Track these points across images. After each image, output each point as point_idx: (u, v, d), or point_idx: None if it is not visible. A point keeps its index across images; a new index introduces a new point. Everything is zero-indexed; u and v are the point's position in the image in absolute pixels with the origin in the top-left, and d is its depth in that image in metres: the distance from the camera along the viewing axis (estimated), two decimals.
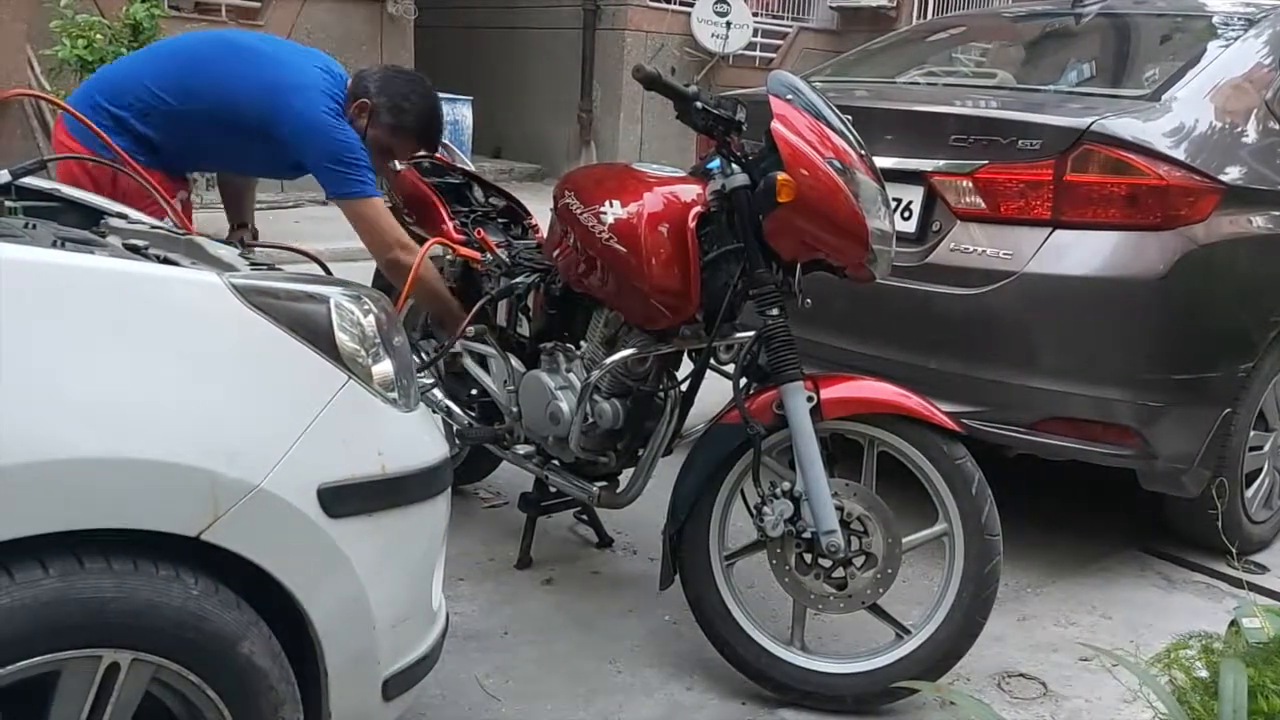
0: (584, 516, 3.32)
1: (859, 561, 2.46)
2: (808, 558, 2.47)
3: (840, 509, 2.42)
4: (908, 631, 2.51)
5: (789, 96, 2.42)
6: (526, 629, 2.80)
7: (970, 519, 2.43)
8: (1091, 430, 3.04)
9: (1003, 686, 2.66)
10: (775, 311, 2.47)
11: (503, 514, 3.47)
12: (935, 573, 2.56)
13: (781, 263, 2.52)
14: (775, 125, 2.37)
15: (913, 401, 2.46)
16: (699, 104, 2.44)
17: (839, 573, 2.46)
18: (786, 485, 2.45)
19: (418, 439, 1.80)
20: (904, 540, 2.46)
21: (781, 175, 2.35)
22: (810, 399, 2.42)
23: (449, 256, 3.29)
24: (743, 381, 2.58)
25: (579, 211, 2.68)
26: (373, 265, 3.12)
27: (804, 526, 2.41)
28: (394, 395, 1.74)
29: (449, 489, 1.90)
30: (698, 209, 2.55)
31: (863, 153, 2.47)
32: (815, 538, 2.39)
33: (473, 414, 3.31)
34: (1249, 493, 3.39)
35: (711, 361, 2.73)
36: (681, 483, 2.58)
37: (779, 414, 2.44)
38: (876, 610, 2.53)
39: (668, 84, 2.46)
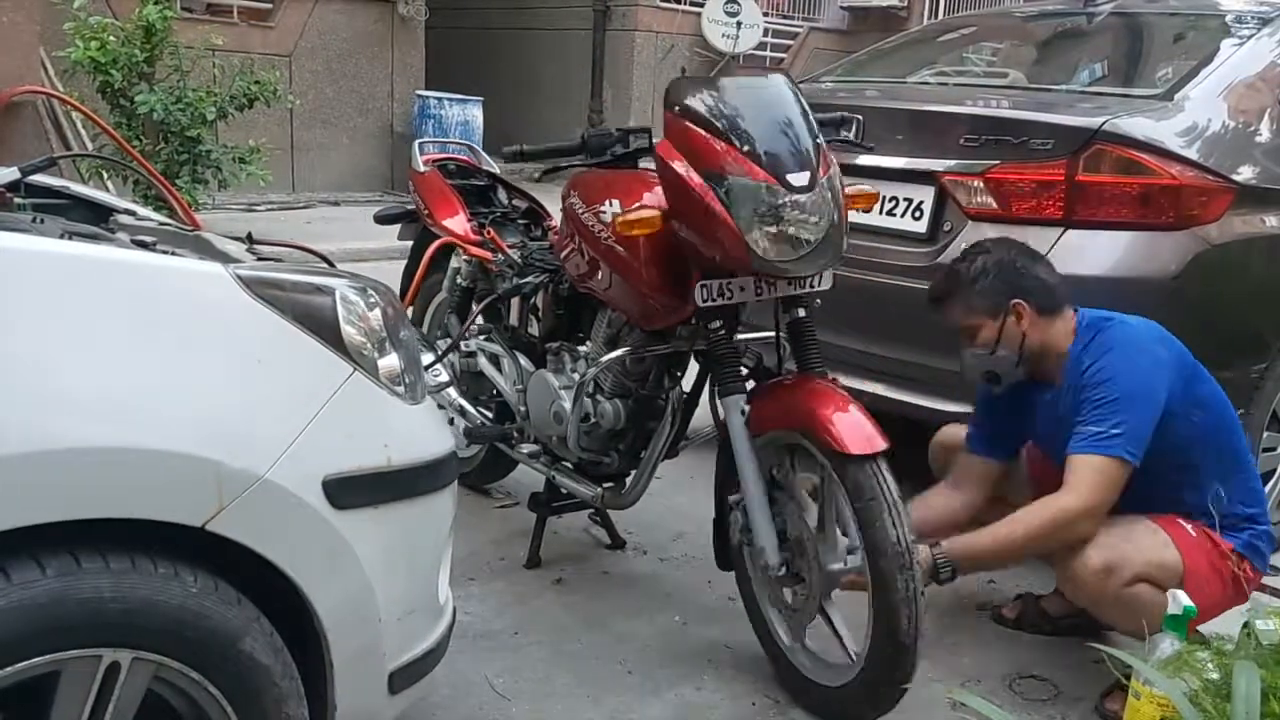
0: (597, 518, 3.32)
1: (795, 581, 2.43)
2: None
3: (784, 523, 2.40)
4: (853, 659, 2.40)
5: (675, 108, 2.34)
6: (537, 629, 2.79)
7: (870, 561, 2.24)
8: None
9: (1014, 688, 2.64)
10: (715, 323, 2.46)
11: (513, 514, 3.46)
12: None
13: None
14: (659, 144, 2.38)
15: (823, 414, 2.29)
16: (556, 165, 2.53)
17: (788, 586, 2.45)
18: (735, 497, 2.45)
19: (424, 431, 1.80)
20: (829, 570, 2.37)
21: (617, 217, 2.40)
22: (743, 412, 2.40)
23: (464, 257, 3.31)
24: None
25: (581, 211, 2.69)
26: (380, 265, 3.13)
27: (754, 538, 2.40)
28: (400, 388, 1.74)
29: (455, 482, 1.90)
30: None
31: (754, 152, 2.25)
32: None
33: (489, 413, 3.31)
34: None
35: None
36: (715, 475, 2.62)
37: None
38: (832, 628, 2.47)
39: (542, 150, 2.58)
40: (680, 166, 2.30)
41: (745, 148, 2.25)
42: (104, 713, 1.45)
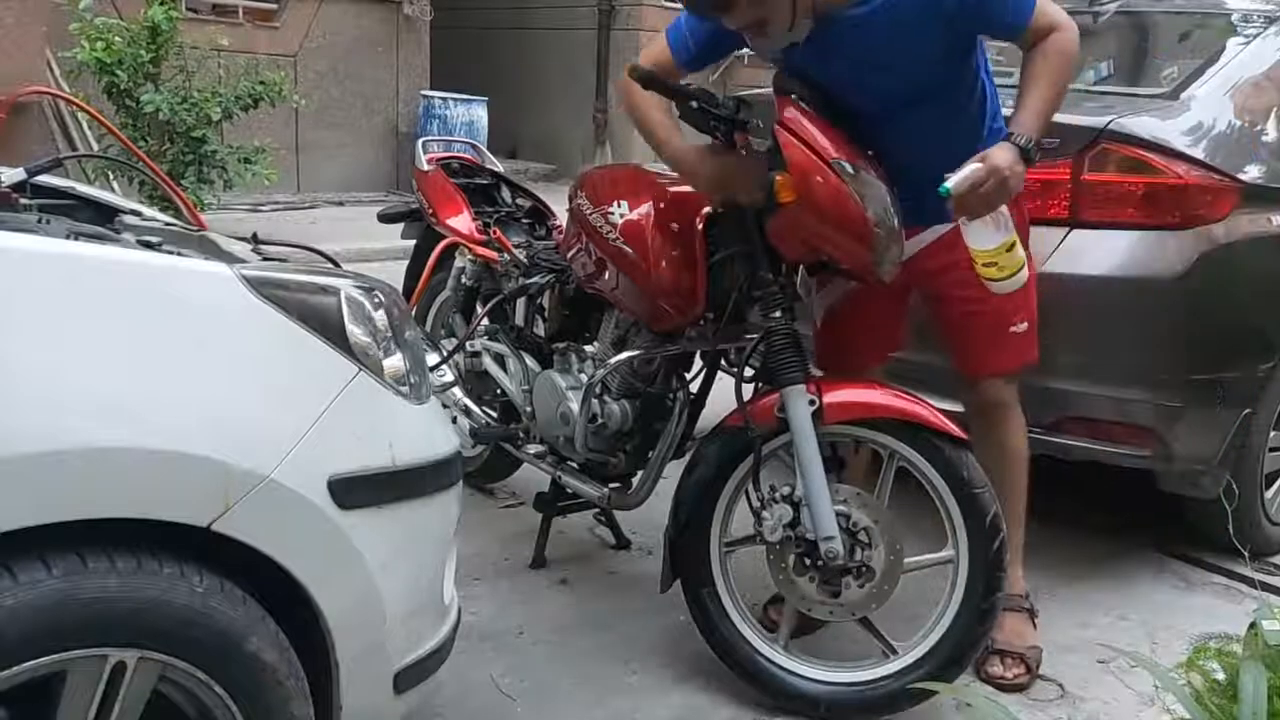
0: (602, 518, 3.32)
1: (857, 573, 2.41)
2: (807, 560, 2.42)
3: (846, 517, 2.38)
4: (895, 652, 2.45)
5: (795, 95, 2.37)
6: (541, 629, 2.79)
7: (978, 550, 2.37)
8: (1109, 431, 3.01)
9: None
10: (778, 314, 2.43)
11: (518, 514, 3.46)
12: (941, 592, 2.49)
13: (786, 264, 2.48)
14: (778, 125, 2.33)
15: (921, 407, 2.40)
16: (694, 103, 2.41)
17: (835, 580, 2.42)
18: (786, 489, 2.42)
19: (429, 431, 1.80)
20: (905, 561, 2.41)
21: (780, 175, 2.31)
22: (812, 402, 2.38)
23: (469, 256, 3.31)
24: (753, 385, 2.56)
25: (589, 212, 2.68)
26: (385, 265, 3.13)
27: (804, 531, 2.38)
28: (405, 388, 1.74)
29: (460, 482, 1.90)
30: (706, 210, 2.53)
31: (871, 153, 2.41)
32: (814, 543, 2.36)
33: (493, 413, 3.31)
34: (1269, 494, 3.36)
35: (724, 364, 2.72)
36: (684, 485, 2.56)
37: (780, 417, 2.40)
38: (866, 624, 2.49)
39: (663, 83, 2.43)
40: (813, 153, 2.29)
41: (868, 151, 2.38)
42: (110, 712, 1.45)
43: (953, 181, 2.19)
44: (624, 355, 2.71)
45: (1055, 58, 2.34)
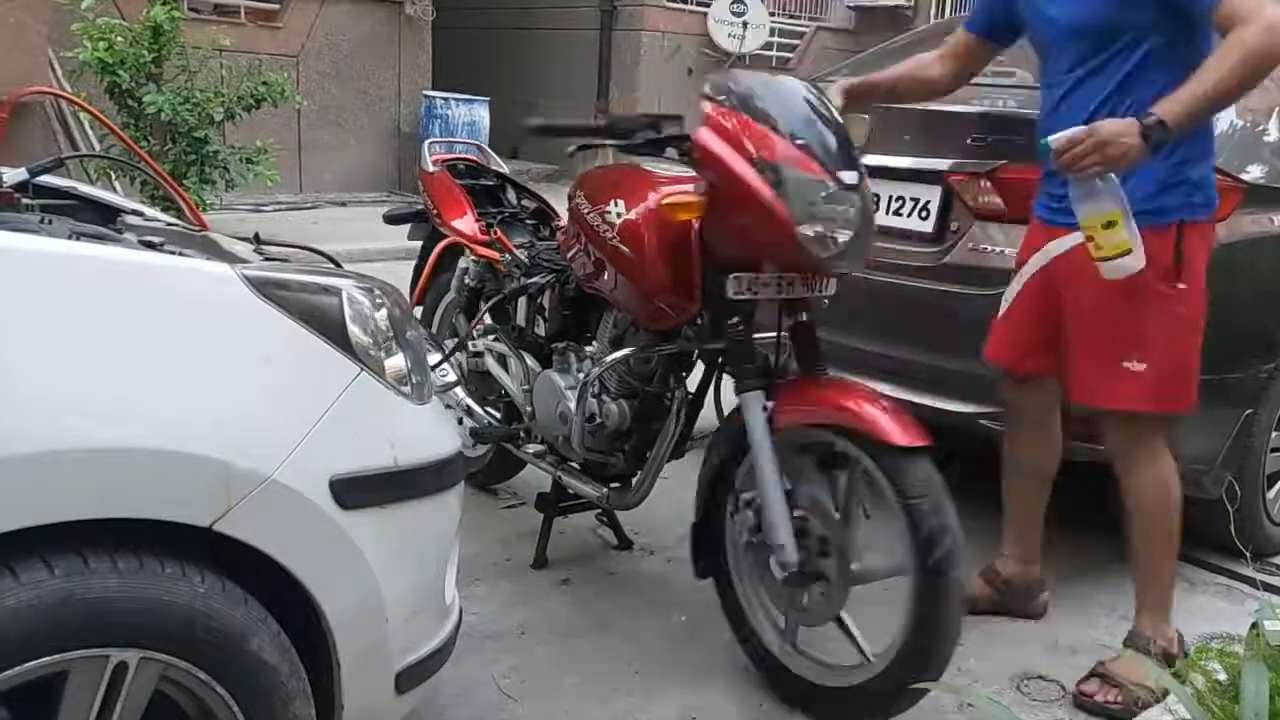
0: (604, 518, 3.32)
1: (813, 580, 2.38)
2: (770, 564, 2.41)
3: (805, 521, 2.36)
4: (869, 659, 2.42)
5: (720, 98, 2.34)
6: (543, 629, 2.79)
7: (919, 558, 2.23)
8: None
9: (1021, 689, 2.64)
10: (735, 320, 2.43)
11: (520, 514, 3.46)
12: None
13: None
14: (699, 132, 2.34)
15: (865, 410, 2.29)
16: (582, 146, 2.45)
17: (795, 584, 2.39)
18: (748, 496, 2.42)
19: (430, 432, 1.80)
20: (859, 569, 2.36)
21: (663, 200, 2.36)
22: (765, 408, 2.36)
23: (472, 257, 3.32)
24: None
25: (587, 211, 2.68)
26: (388, 265, 3.13)
27: (763, 538, 2.37)
28: (406, 388, 1.74)
29: (462, 482, 1.90)
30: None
31: (809, 146, 2.29)
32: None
33: (496, 413, 3.31)
34: (1270, 494, 3.36)
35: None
36: (700, 476, 2.61)
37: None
38: (844, 629, 2.47)
39: (566, 126, 2.45)
40: (728, 155, 2.28)
41: (800, 141, 2.28)
42: (111, 712, 1.45)
43: (1054, 136, 2.25)
44: (620, 354, 2.71)
45: (1227, 51, 2.20)
